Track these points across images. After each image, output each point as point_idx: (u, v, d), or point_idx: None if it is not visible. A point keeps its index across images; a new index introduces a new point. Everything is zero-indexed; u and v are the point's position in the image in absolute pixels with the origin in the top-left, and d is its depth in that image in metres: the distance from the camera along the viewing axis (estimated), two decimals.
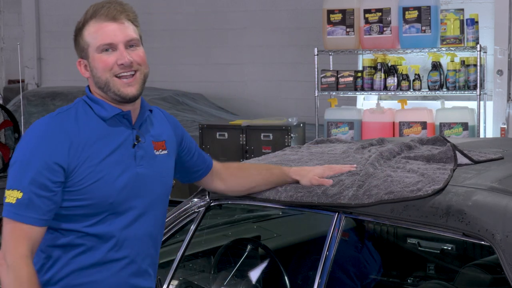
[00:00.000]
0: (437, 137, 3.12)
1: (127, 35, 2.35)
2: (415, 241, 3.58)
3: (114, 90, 2.32)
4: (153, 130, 2.45)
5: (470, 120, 6.26)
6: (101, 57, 2.32)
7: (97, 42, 2.32)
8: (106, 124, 2.33)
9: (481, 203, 2.36)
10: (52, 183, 2.22)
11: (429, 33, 6.32)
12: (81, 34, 2.36)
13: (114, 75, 2.33)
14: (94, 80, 2.36)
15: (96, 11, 2.34)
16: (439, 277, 3.35)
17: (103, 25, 2.33)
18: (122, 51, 2.33)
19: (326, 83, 6.73)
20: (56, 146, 2.24)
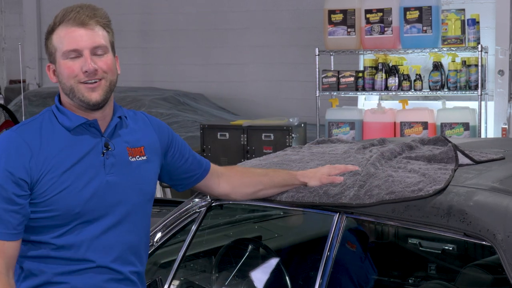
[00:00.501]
0: (438, 137, 3.11)
1: (94, 42, 2.29)
2: (416, 241, 3.58)
3: (78, 96, 2.28)
4: (128, 136, 2.40)
5: (471, 120, 6.26)
6: (66, 63, 2.28)
7: (63, 47, 2.28)
8: (70, 133, 2.30)
9: (482, 203, 2.36)
10: (17, 196, 2.20)
11: (430, 33, 6.32)
12: (50, 38, 2.31)
13: (79, 81, 2.28)
14: (61, 86, 2.32)
15: (65, 15, 2.29)
16: (440, 277, 3.35)
17: (70, 30, 2.28)
18: (87, 58, 2.28)
19: (327, 83, 6.73)
20: (17, 159, 2.21)
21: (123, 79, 10.27)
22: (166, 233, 3.00)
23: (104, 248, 2.30)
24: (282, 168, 2.88)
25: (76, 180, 2.26)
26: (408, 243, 3.61)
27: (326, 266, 2.60)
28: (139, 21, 10.43)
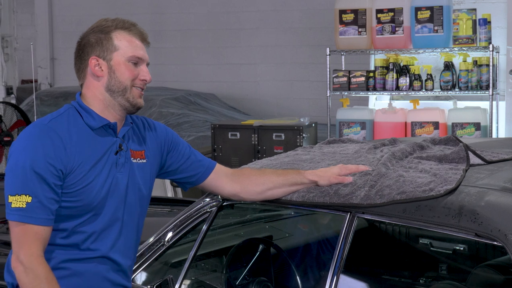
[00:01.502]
0: (449, 137, 3.11)
1: (148, 58, 2.57)
2: (427, 241, 3.57)
3: (128, 97, 2.50)
4: (133, 140, 2.59)
5: (482, 120, 6.24)
6: (129, 66, 2.49)
7: (130, 52, 2.49)
8: (93, 132, 2.48)
9: (493, 204, 2.35)
10: (56, 186, 2.38)
11: (442, 33, 6.31)
12: (107, 36, 2.49)
13: (133, 85, 2.51)
14: (108, 82, 2.50)
15: (129, 26, 2.53)
16: (451, 278, 3.34)
17: (137, 41, 2.52)
18: (147, 70, 2.54)
19: (338, 83, 6.73)
20: (54, 151, 2.38)
21: None
22: (177, 232, 3.01)
23: (109, 240, 2.49)
24: (293, 168, 2.88)
25: (98, 175, 2.45)
26: (419, 243, 3.61)
27: (337, 266, 2.60)
28: (151, 21, 10.45)
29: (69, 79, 10.98)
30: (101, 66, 2.50)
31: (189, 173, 2.75)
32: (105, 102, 2.51)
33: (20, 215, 2.34)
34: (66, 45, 11.12)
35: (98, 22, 2.56)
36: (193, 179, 2.76)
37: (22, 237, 2.34)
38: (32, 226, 2.34)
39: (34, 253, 2.33)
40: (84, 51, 2.53)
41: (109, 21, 2.53)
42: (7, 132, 7.28)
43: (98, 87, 2.51)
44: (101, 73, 2.50)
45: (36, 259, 2.33)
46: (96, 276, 2.48)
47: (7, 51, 9.23)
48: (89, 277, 2.47)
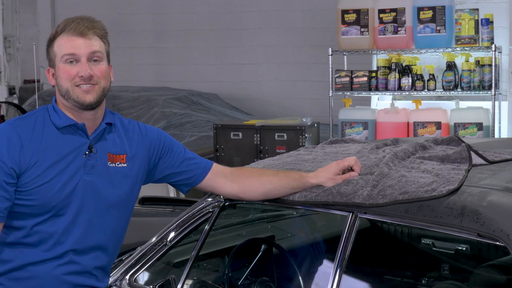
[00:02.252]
0: (451, 137, 3.11)
1: (90, 49, 2.51)
2: (430, 242, 3.57)
3: (73, 97, 2.49)
4: (113, 143, 2.59)
5: (484, 120, 6.24)
6: (64, 67, 2.49)
7: (62, 52, 2.49)
8: (59, 132, 2.50)
9: (496, 204, 2.35)
10: (7, 184, 2.40)
11: (444, 33, 6.31)
12: (51, 45, 2.53)
13: (75, 85, 2.49)
14: (58, 88, 2.53)
15: (66, 26, 2.51)
16: (453, 278, 3.34)
17: (71, 39, 2.50)
18: (84, 64, 2.49)
19: (340, 83, 6.73)
20: (9, 150, 2.41)
21: (137, 78, 10.31)
22: (179, 232, 3.01)
23: (71, 241, 2.49)
24: (295, 168, 2.88)
25: (57, 176, 2.46)
26: (421, 243, 3.61)
27: (339, 266, 2.60)
28: (153, 21, 10.46)
29: None
30: (53, 75, 2.55)
31: (185, 175, 2.74)
32: (66, 106, 2.52)
33: None
34: None
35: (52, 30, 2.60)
36: (190, 180, 2.75)
37: None
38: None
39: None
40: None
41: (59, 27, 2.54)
42: None
43: (58, 94, 2.55)
44: (53, 81, 2.56)
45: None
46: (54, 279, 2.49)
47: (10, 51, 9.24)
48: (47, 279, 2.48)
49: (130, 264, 3.09)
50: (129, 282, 3.05)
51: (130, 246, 3.58)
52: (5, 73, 9.13)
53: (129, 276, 3.06)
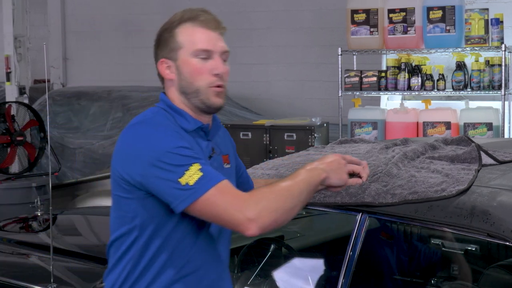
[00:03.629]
0: (461, 137, 3.10)
1: (224, 47, 2.32)
2: (439, 242, 3.57)
3: (202, 98, 2.27)
4: (221, 144, 2.41)
5: (494, 120, 6.22)
6: (197, 63, 2.26)
7: (194, 46, 2.26)
8: (188, 135, 2.26)
9: (506, 204, 2.35)
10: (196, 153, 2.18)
11: (454, 33, 6.29)
12: (172, 34, 2.28)
13: (209, 85, 2.27)
14: (179, 84, 2.29)
15: (195, 16, 2.29)
16: (463, 278, 3.34)
17: (202, 31, 2.28)
18: (219, 61, 2.29)
19: (349, 83, 6.72)
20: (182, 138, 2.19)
21: (147, 78, 10.33)
22: None
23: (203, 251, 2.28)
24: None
25: None
26: (431, 243, 3.61)
27: (349, 266, 2.60)
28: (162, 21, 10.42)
29: (82, 79, 11.02)
30: (170, 68, 2.29)
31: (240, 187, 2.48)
32: (186, 104, 2.29)
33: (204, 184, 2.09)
34: (79, 45, 11.16)
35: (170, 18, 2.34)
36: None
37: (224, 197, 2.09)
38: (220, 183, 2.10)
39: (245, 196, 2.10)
40: (156, 53, 2.33)
41: (177, 15, 2.30)
42: (20, 132, 7.31)
43: (174, 91, 2.30)
44: (171, 75, 2.29)
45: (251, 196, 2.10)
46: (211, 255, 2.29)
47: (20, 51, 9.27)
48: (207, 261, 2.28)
49: None
50: None
51: None
52: (15, 73, 9.16)
53: None
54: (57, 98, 9.13)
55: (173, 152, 2.12)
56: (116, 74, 10.77)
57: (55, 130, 8.63)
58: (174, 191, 2.11)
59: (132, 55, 10.60)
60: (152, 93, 8.92)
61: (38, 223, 4.99)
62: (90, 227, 4.81)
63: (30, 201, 6.36)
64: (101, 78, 10.85)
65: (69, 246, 4.26)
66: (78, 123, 8.82)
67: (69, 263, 3.81)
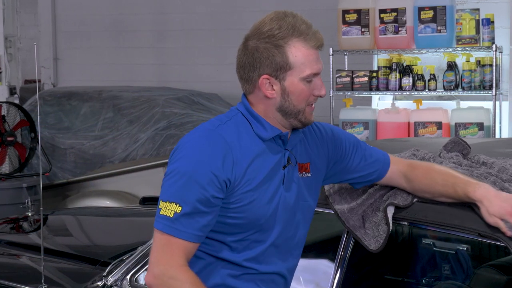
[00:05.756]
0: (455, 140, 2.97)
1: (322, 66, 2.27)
2: (431, 242, 3.57)
3: (300, 118, 2.24)
4: (301, 152, 2.33)
5: (485, 120, 6.24)
6: (304, 86, 2.21)
7: (307, 70, 2.20)
8: (263, 143, 2.23)
9: None
10: (214, 198, 2.14)
11: (445, 33, 6.30)
12: (281, 50, 2.19)
13: (308, 104, 2.25)
14: (281, 104, 2.22)
15: (305, 32, 2.21)
16: (454, 278, 3.34)
17: (312, 52, 2.21)
18: (321, 83, 2.25)
19: (341, 83, 6.73)
20: (221, 161, 2.14)
21: (138, 78, 10.31)
22: None
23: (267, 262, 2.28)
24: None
25: (265, 191, 2.22)
26: (422, 243, 3.61)
27: (340, 266, 2.60)
28: (154, 21, 10.45)
29: (72, 79, 10.98)
30: (272, 86, 2.21)
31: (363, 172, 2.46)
32: (276, 120, 2.24)
33: (165, 225, 2.12)
34: (69, 45, 11.12)
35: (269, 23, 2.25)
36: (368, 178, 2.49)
37: (165, 248, 2.12)
38: (176, 238, 2.11)
39: (176, 264, 2.11)
40: (253, 64, 2.23)
41: (283, 27, 2.21)
42: (10, 132, 7.28)
43: (269, 106, 2.24)
44: (273, 94, 2.22)
45: (179, 268, 2.11)
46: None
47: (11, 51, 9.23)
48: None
49: (131, 264, 3.09)
50: (130, 282, 3.05)
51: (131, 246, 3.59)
52: (6, 73, 9.13)
53: (130, 276, 3.06)
54: (47, 98, 9.09)
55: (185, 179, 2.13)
56: (107, 74, 10.73)
57: (45, 130, 8.60)
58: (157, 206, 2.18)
59: (123, 55, 10.58)
60: (142, 93, 8.90)
61: (28, 224, 4.97)
62: (81, 227, 4.79)
63: (21, 202, 6.34)
64: (92, 78, 10.81)
65: (60, 247, 4.24)
66: (69, 123, 8.79)
67: (60, 264, 3.79)
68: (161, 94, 9.15)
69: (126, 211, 5.25)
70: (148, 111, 8.62)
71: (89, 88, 9.39)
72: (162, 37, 10.46)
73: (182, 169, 2.14)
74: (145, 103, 8.72)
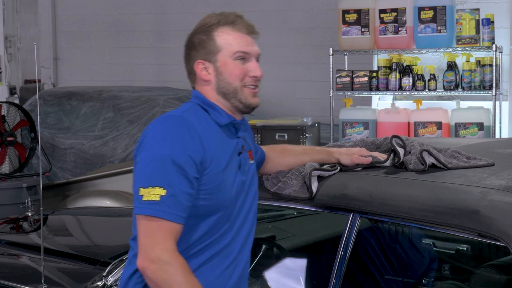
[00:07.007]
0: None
1: (258, 50, 2.43)
2: (430, 242, 3.57)
3: (240, 98, 2.39)
4: (247, 140, 2.51)
5: (485, 120, 6.24)
6: (236, 64, 2.38)
7: (235, 48, 2.37)
8: (221, 130, 2.38)
9: (496, 203, 2.35)
10: (194, 178, 2.23)
11: (445, 33, 6.30)
12: (210, 37, 2.40)
13: (244, 85, 2.39)
14: (217, 84, 2.39)
15: (234, 21, 2.41)
16: (454, 278, 3.34)
17: (241, 35, 2.40)
18: (257, 65, 2.41)
19: (341, 83, 6.73)
20: (193, 143, 2.25)
21: (138, 78, 10.32)
22: None
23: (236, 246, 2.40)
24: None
25: (228, 174, 2.33)
26: (422, 243, 3.61)
27: (340, 266, 2.60)
28: (153, 21, 10.46)
29: (72, 79, 10.99)
30: (207, 69, 2.40)
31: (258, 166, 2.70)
32: (223, 105, 2.40)
33: (153, 209, 2.17)
34: (69, 45, 11.12)
35: (203, 19, 2.47)
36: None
37: (156, 232, 2.16)
38: (165, 221, 2.16)
39: (170, 249, 2.16)
40: (190, 54, 2.46)
41: (213, 18, 2.43)
42: (10, 132, 7.29)
43: (210, 91, 2.40)
44: (209, 77, 2.40)
45: (173, 254, 2.16)
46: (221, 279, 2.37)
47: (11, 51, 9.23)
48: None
49: None
50: None
51: None
52: (6, 73, 9.12)
53: None
54: (47, 98, 9.10)
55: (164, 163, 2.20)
56: (107, 74, 10.74)
57: (45, 130, 8.61)
58: (135, 195, 2.21)
59: (123, 55, 10.58)
60: (142, 93, 8.90)
61: (28, 224, 4.98)
62: (81, 227, 4.80)
63: (21, 202, 6.34)
64: (92, 78, 10.82)
65: (60, 247, 4.24)
66: (69, 123, 8.79)
67: (60, 264, 3.80)
68: (161, 94, 9.16)
69: (126, 211, 5.25)
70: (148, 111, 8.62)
71: (89, 88, 9.39)
72: (161, 37, 10.46)
73: (158, 154, 2.21)
74: (145, 103, 8.73)
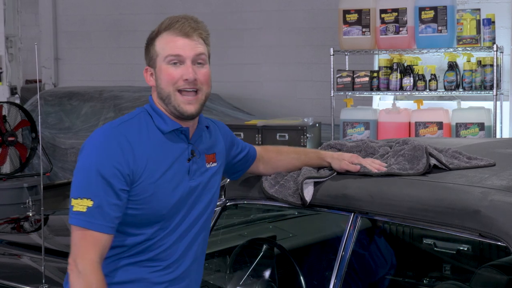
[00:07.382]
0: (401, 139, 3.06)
1: (195, 51, 2.39)
2: (431, 242, 3.57)
3: (174, 105, 2.38)
4: (206, 144, 2.52)
5: (486, 120, 6.24)
6: (167, 69, 2.38)
7: (166, 52, 2.38)
8: (165, 137, 2.39)
9: (497, 204, 2.35)
10: (122, 191, 2.29)
11: (446, 33, 6.30)
12: (152, 43, 2.42)
13: (177, 89, 2.38)
14: (157, 90, 2.42)
15: (170, 24, 2.40)
16: (455, 278, 3.34)
17: (175, 39, 2.38)
18: (189, 67, 2.38)
19: (342, 83, 6.73)
20: (121, 155, 2.29)
21: (138, 78, 10.32)
22: None
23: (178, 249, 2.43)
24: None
25: (167, 183, 2.36)
26: (423, 243, 3.61)
27: (341, 266, 2.60)
28: (154, 21, 10.43)
29: (73, 79, 11.00)
30: (152, 75, 2.44)
31: (244, 164, 2.79)
32: (165, 109, 2.42)
33: (79, 219, 2.26)
34: (70, 45, 11.13)
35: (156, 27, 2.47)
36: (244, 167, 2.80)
37: (80, 242, 2.26)
38: (91, 231, 2.25)
39: (90, 260, 2.25)
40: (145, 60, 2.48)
41: (162, 25, 2.42)
42: (11, 132, 7.29)
43: (155, 96, 2.45)
44: (152, 82, 2.44)
45: (91, 266, 2.24)
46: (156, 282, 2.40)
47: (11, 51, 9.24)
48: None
49: None
50: None
51: None
52: (7, 73, 9.13)
53: None
54: (48, 98, 9.10)
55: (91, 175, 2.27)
56: (107, 74, 10.75)
57: (46, 130, 8.61)
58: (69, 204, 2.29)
59: (124, 55, 10.59)
60: (143, 93, 8.91)
61: (29, 224, 4.98)
62: None
63: (22, 202, 6.34)
64: (93, 78, 10.83)
65: (61, 247, 4.24)
66: (69, 123, 8.80)
67: (61, 264, 3.80)
68: None
69: None
70: None
71: (89, 88, 9.40)
72: None
73: (86, 165, 2.29)
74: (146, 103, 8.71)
